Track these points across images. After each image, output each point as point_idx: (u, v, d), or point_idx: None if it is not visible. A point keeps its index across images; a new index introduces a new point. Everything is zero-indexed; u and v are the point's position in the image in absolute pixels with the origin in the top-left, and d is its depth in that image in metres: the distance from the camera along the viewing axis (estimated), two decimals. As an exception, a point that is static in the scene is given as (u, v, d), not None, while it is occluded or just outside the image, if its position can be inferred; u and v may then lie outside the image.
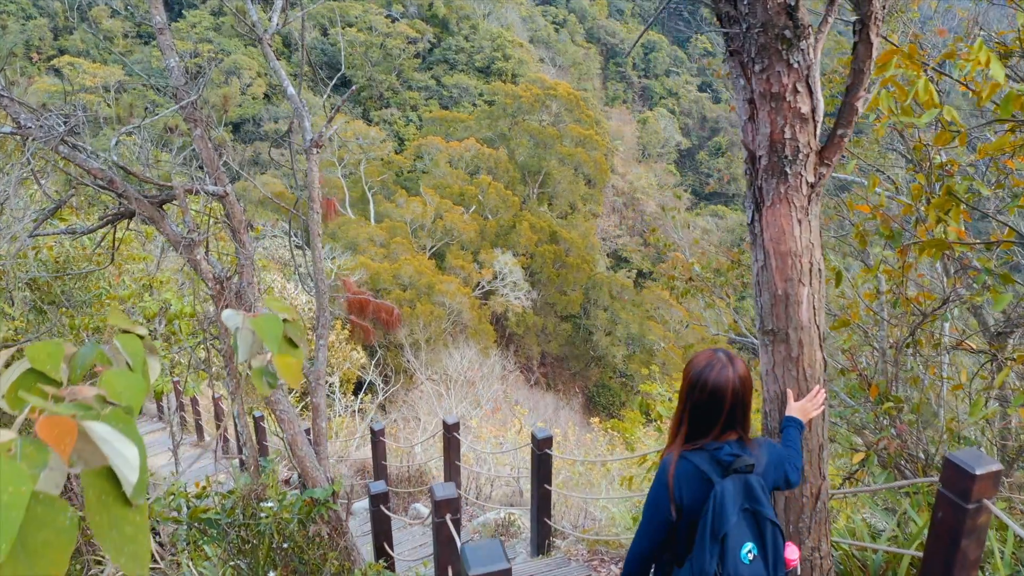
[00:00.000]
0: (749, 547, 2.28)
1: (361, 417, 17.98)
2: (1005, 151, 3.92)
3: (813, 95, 2.48)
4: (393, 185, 43.89)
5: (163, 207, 3.88)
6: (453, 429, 7.55)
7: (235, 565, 4.00)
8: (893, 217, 4.37)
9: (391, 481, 9.40)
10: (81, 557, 4.14)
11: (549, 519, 6.30)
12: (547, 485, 6.14)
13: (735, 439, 2.36)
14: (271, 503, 3.78)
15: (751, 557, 2.27)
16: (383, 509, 5.37)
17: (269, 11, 4.88)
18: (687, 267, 6.84)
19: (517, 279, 37.48)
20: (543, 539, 6.34)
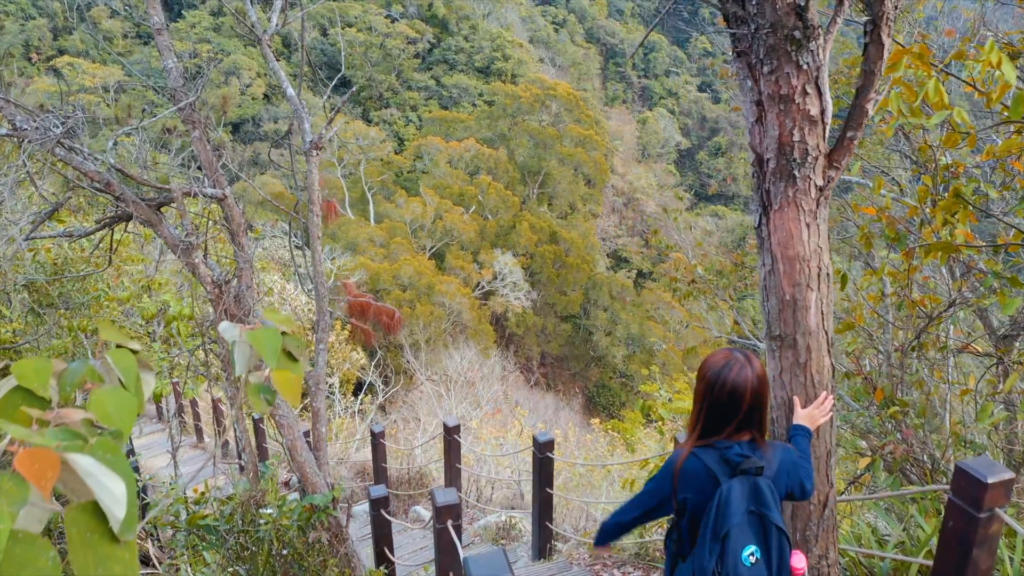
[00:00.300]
0: (752, 550, 2.25)
1: (361, 418, 17.93)
2: (1012, 152, 3.88)
3: (822, 97, 2.44)
4: (393, 185, 43.85)
5: (161, 210, 3.83)
6: (454, 431, 7.51)
7: (234, 571, 3.95)
8: (899, 219, 4.33)
9: (391, 483, 9.36)
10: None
11: (551, 523, 6.26)
12: (549, 489, 6.10)
13: (748, 439, 2.34)
14: (270, 509, 3.74)
15: (753, 560, 2.25)
16: (383, 513, 5.32)
17: (268, 11, 4.84)
18: (690, 269, 6.80)
19: (517, 279, 37.44)
20: (544, 543, 6.29)
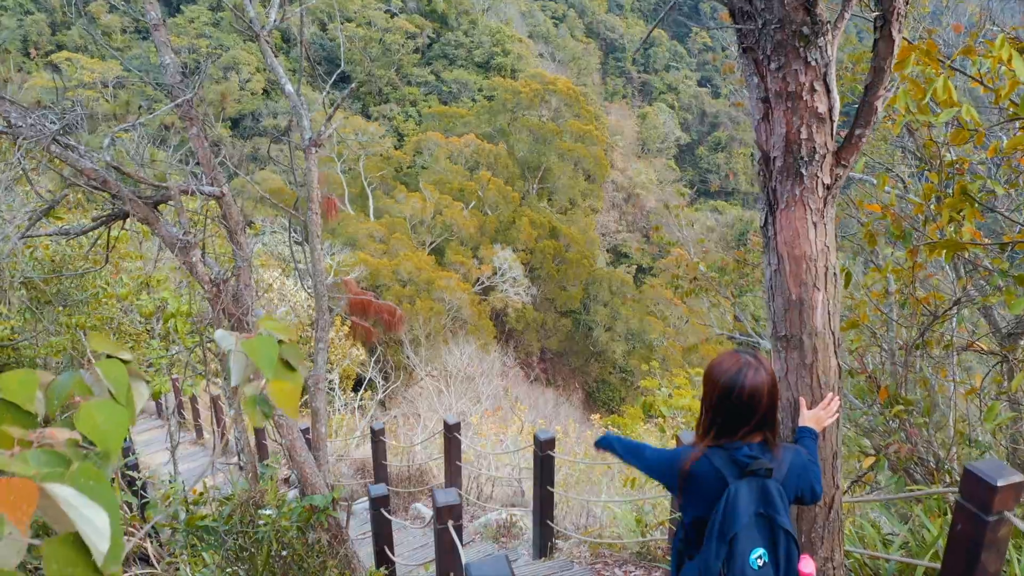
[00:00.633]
0: (759, 553, 2.23)
1: (362, 414, 17.90)
2: (1019, 149, 3.83)
3: (830, 94, 2.39)
4: (392, 181, 43.76)
5: (158, 208, 3.79)
6: (454, 429, 7.47)
7: (233, 572, 3.92)
8: (904, 217, 4.28)
9: (392, 481, 9.33)
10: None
11: (552, 521, 6.22)
12: (550, 487, 6.07)
13: (759, 441, 2.31)
14: (269, 510, 3.70)
15: (760, 563, 2.22)
16: (383, 512, 5.29)
17: (267, 7, 4.79)
18: (692, 267, 6.75)
19: (517, 275, 37.38)
20: (545, 541, 6.26)
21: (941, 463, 4.43)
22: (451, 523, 3.88)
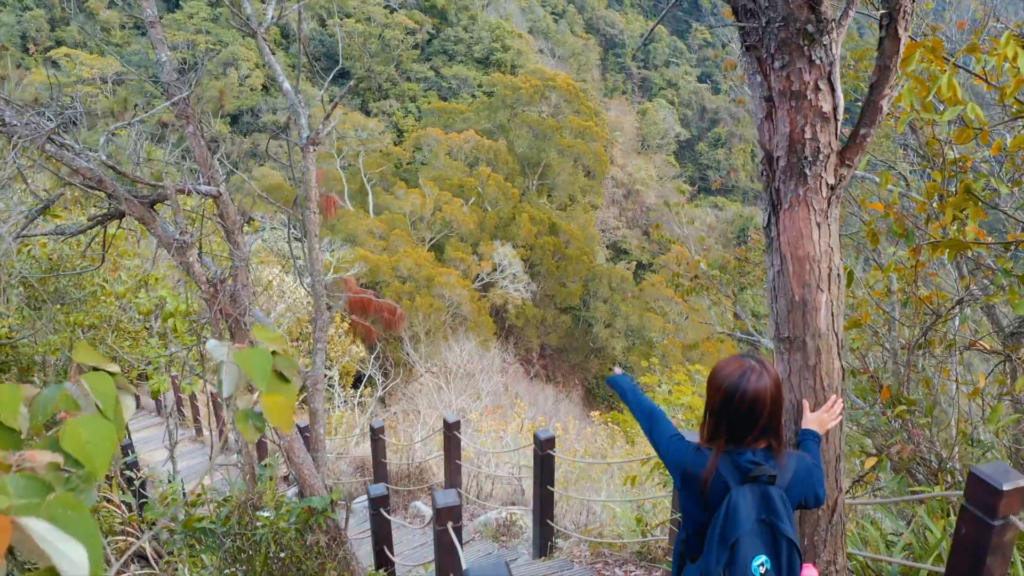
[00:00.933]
0: (761, 560, 2.20)
1: (361, 410, 17.87)
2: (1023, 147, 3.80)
3: (835, 93, 2.36)
4: (392, 177, 43.65)
5: (154, 207, 3.76)
6: (453, 428, 7.45)
7: (231, 574, 3.89)
8: (907, 215, 4.25)
9: (391, 478, 9.30)
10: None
11: (552, 520, 6.20)
12: (549, 486, 6.04)
13: (763, 447, 2.28)
14: (268, 512, 3.67)
15: (763, 571, 2.20)
16: (383, 512, 5.26)
17: (265, 3, 4.74)
18: (693, 265, 6.72)
19: (516, 271, 37.34)
20: (545, 541, 6.24)
21: (943, 463, 4.40)
22: (450, 524, 3.85)
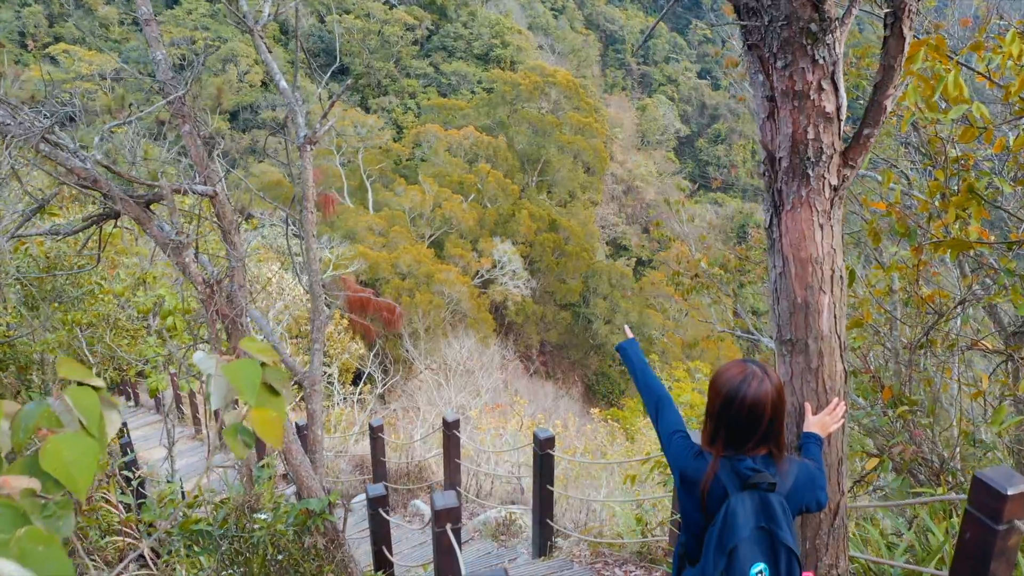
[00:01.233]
0: (760, 567, 2.19)
1: (361, 407, 17.85)
2: (1027, 146, 3.76)
3: (838, 93, 2.32)
4: (391, 174, 43.59)
5: (150, 207, 3.72)
6: (453, 427, 7.42)
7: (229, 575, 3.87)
8: (909, 214, 4.22)
9: (391, 477, 9.28)
10: None
11: (551, 520, 6.18)
12: (549, 486, 6.02)
13: (764, 454, 2.26)
14: (265, 514, 3.65)
15: None
16: (381, 513, 5.23)
17: (262, 0, 4.70)
18: (693, 264, 6.68)
19: (516, 268, 37.31)
20: (545, 540, 6.22)
21: (945, 464, 4.37)
22: (449, 526, 3.83)
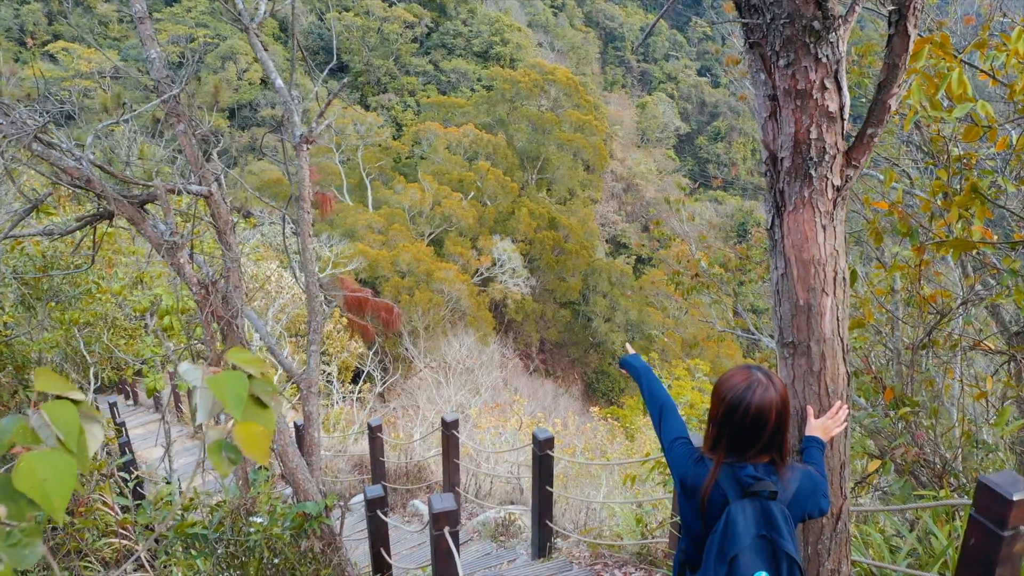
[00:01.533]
0: None
1: (361, 406, 17.83)
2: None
3: (841, 92, 2.28)
4: (391, 171, 43.54)
5: (144, 207, 3.68)
6: (452, 427, 7.38)
7: (225, 579, 3.83)
8: (911, 213, 4.18)
9: (390, 477, 9.24)
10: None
11: (551, 521, 6.15)
12: (548, 487, 5.98)
13: (766, 462, 2.23)
14: (261, 518, 3.61)
15: None
16: (380, 514, 5.20)
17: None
18: (694, 264, 6.64)
19: (516, 266, 37.27)
20: (544, 541, 6.19)
21: (947, 465, 4.34)
22: (447, 529, 3.79)
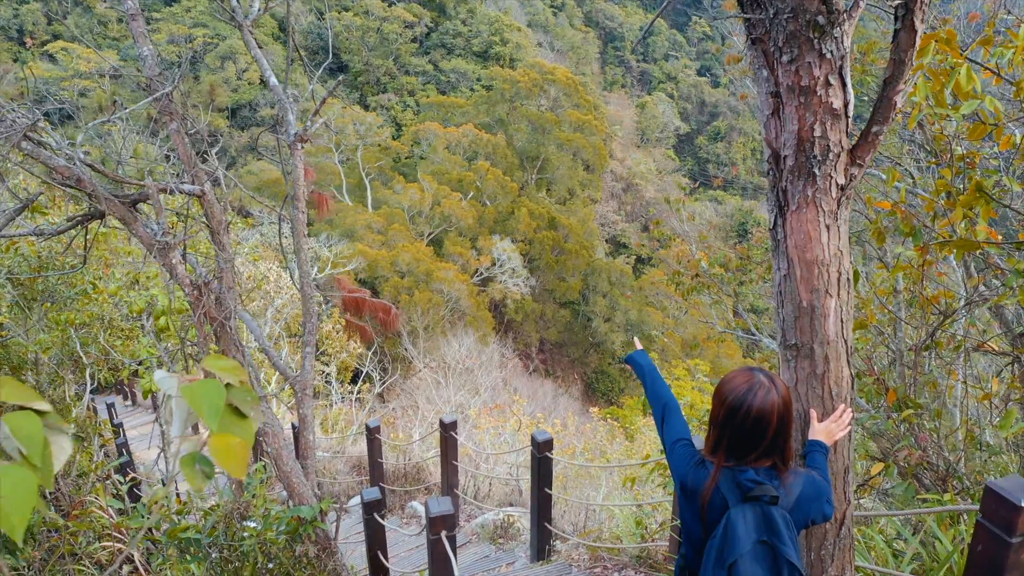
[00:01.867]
0: None
1: (360, 406, 17.77)
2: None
3: (846, 88, 2.23)
4: (391, 171, 43.47)
5: (136, 207, 3.62)
6: (450, 428, 7.33)
7: (219, 584, 3.78)
8: (914, 213, 4.12)
9: (388, 478, 9.19)
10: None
11: (549, 523, 6.09)
12: (547, 489, 5.93)
13: (768, 466, 2.18)
14: (255, 522, 3.55)
15: None
16: (377, 518, 5.14)
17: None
18: (694, 264, 6.59)
19: (515, 266, 37.22)
20: (543, 544, 6.13)
21: (951, 468, 4.29)
22: (444, 533, 3.74)
